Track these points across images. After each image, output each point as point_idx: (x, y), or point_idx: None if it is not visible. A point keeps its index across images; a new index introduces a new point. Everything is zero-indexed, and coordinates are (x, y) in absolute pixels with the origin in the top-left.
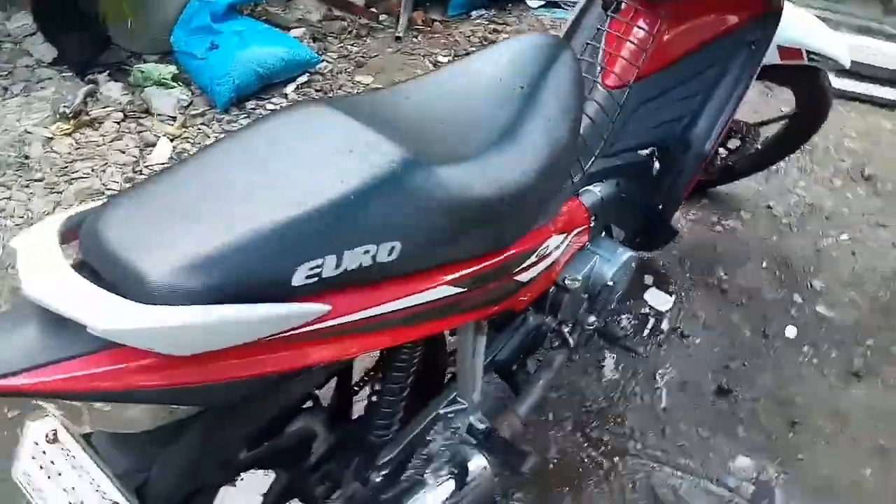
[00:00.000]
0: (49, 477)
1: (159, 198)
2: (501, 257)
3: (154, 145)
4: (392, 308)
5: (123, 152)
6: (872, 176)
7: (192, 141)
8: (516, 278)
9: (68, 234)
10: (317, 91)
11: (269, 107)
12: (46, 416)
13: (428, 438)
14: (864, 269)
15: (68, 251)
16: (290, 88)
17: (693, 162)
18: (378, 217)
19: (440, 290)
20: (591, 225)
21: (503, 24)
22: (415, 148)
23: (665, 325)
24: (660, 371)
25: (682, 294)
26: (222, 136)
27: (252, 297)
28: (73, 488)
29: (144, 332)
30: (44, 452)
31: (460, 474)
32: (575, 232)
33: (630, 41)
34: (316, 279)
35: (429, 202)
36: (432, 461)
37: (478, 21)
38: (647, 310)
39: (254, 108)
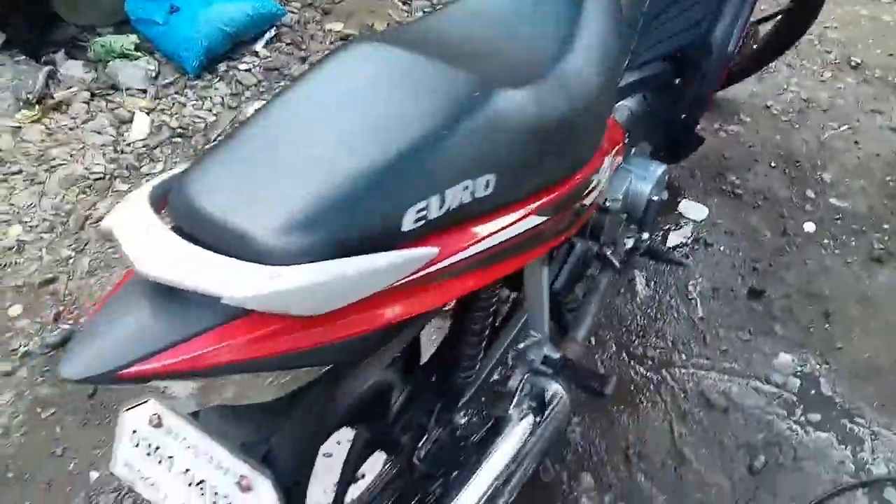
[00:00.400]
0: (159, 462)
1: (246, 155)
2: (577, 179)
3: (130, 121)
4: (490, 244)
5: (99, 133)
6: (860, 64)
7: (169, 112)
8: (584, 202)
9: (158, 204)
10: (288, 44)
11: (242, 67)
12: (144, 402)
13: (506, 374)
14: (867, 157)
15: (165, 221)
16: (259, 45)
17: (716, 66)
18: (472, 150)
19: (529, 221)
20: (626, 142)
21: None
22: (490, 75)
23: (688, 235)
24: (691, 282)
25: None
26: (276, 90)
27: (366, 247)
28: (186, 470)
29: (282, 296)
30: (147, 439)
31: (539, 406)
32: (614, 151)
33: None
34: (423, 222)
35: (515, 127)
36: (513, 396)
37: None
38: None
39: (227, 71)
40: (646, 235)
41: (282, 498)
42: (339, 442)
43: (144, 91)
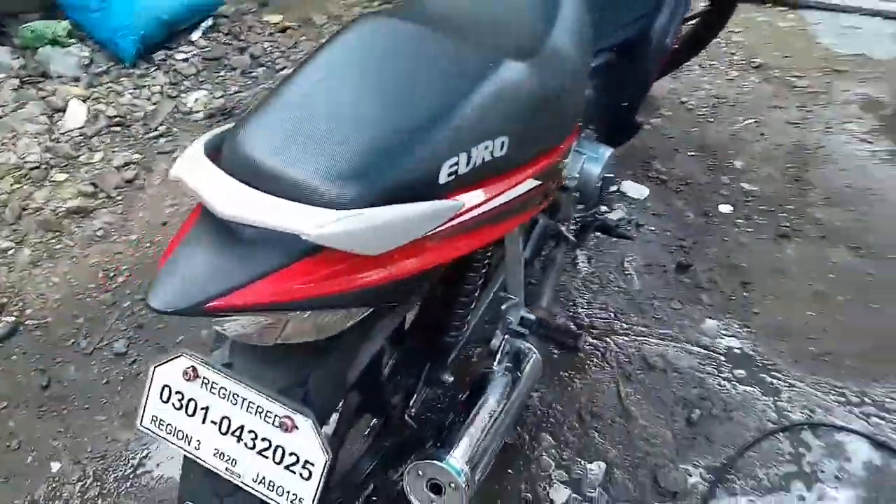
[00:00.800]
0: (192, 414)
1: (293, 113)
2: (563, 148)
3: (62, 110)
4: (500, 202)
5: (31, 121)
6: (762, 65)
7: (105, 101)
8: (562, 173)
9: (213, 157)
10: (226, 35)
11: (180, 57)
12: (177, 357)
13: (488, 335)
14: (772, 147)
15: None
16: (196, 35)
17: (656, 57)
18: (490, 113)
19: (528, 183)
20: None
21: None
22: (497, 48)
23: (622, 216)
24: (626, 259)
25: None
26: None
27: (409, 198)
28: (223, 418)
29: (351, 235)
30: (180, 393)
31: (517, 363)
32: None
33: None
34: (454, 177)
35: (520, 95)
36: (496, 354)
37: None
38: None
39: (164, 60)
40: (603, 209)
41: (322, 434)
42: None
43: (77, 79)
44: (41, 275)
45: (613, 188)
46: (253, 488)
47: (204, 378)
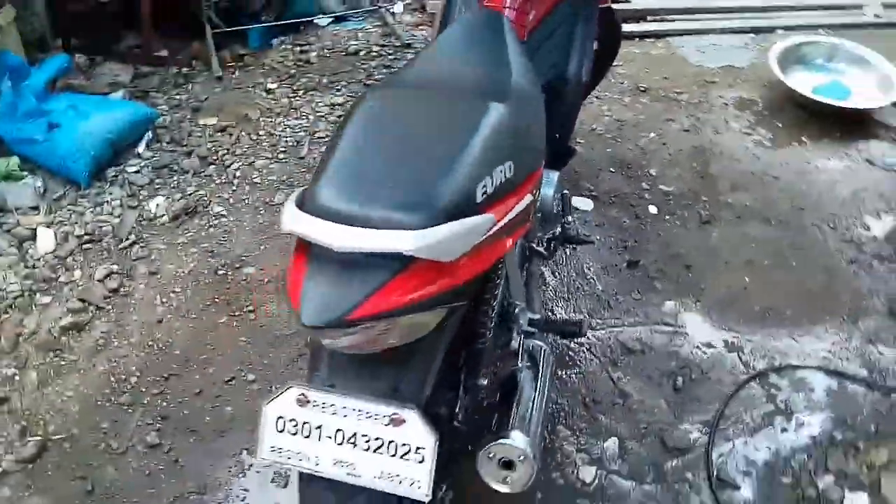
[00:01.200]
0: (307, 436)
1: (354, 166)
2: (540, 171)
3: (31, 238)
4: (513, 214)
5: (1, 255)
6: (647, 88)
7: (69, 223)
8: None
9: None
10: (168, 143)
11: (131, 169)
12: (287, 389)
13: (507, 338)
14: (675, 153)
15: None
16: (141, 147)
17: (576, 91)
18: (500, 143)
19: (526, 199)
20: None
21: (306, 44)
22: (487, 96)
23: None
24: (585, 266)
25: None
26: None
27: (460, 215)
28: (338, 430)
29: (435, 246)
30: (293, 420)
31: (535, 359)
32: None
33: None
34: (485, 195)
35: (512, 127)
36: (517, 354)
37: (282, 47)
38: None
39: (116, 176)
40: (570, 218)
41: (429, 422)
42: None
43: (37, 208)
44: (53, 392)
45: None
46: (374, 485)
47: (314, 401)
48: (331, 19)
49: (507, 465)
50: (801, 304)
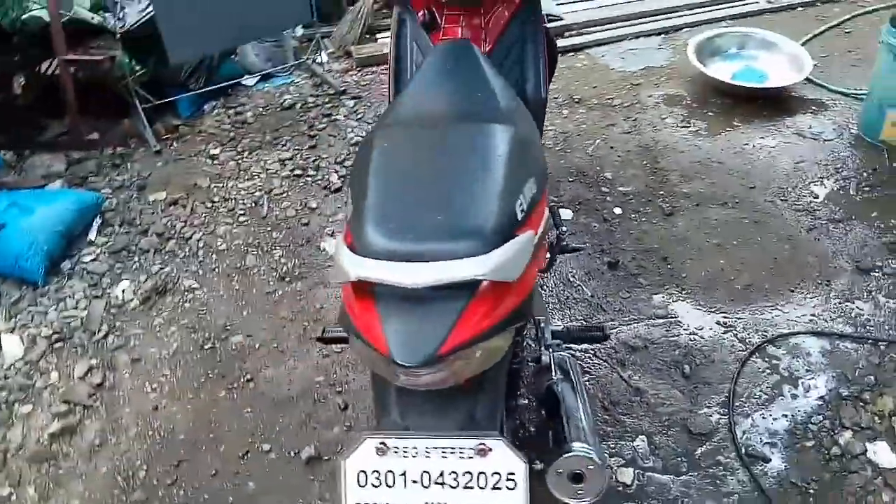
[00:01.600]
0: (391, 485)
1: (393, 208)
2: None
3: None
4: (542, 228)
5: None
6: (581, 98)
7: (33, 325)
8: None
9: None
10: (120, 225)
11: (87, 259)
12: (362, 442)
13: (537, 354)
14: (624, 155)
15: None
16: (93, 235)
17: (538, 108)
18: (524, 163)
19: (546, 213)
20: None
21: (239, 105)
22: (491, 120)
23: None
24: (569, 274)
25: None
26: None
27: (509, 235)
28: (423, 472)
29: (500, 268)
30: (375, 472)
31: (565, 369)
32: None
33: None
34: (522, 212)
35: (524, 144)
36: (550, 368)
37: (215, 113)
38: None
39: (72, 268)
40: (563, 229)
41: (515, 446)
42: None
43: None
44: (58, 502)
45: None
46: None
47: (394, 448)
48: (257, 78)
49: (577, 477)
50: (775, 276)
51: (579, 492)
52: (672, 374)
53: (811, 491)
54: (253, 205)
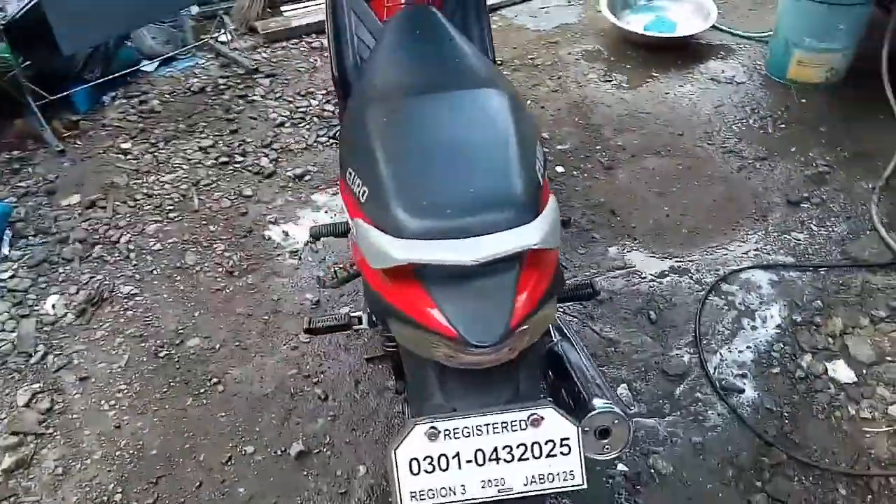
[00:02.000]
0: (445, 469)
1: (417, 173)
2: None
3: None
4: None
5: None
6: (503, 61)
7: None
8: None
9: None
10: (34, 237)
11: (3, 276)
12: (411, 430)
13: None
14: (556, 113)
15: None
16: (6, 249)
17: None
18: (527, 124)
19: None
20: None
21: (142, 93)
22: (486, 85)
23: None
24: None
25: None
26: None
27: (538, 200)
28: (477, 451)
29: (548, 235)
30: (427, 457)
31: (563, 331)
32: None
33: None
34: (540, 173)
35: (522, 107)
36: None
37: (117, 103)
38: None
39: None
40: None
41: (564, 412)
42: None
43: None
44: None
45: None
46: (527, 492)
47: (444, 430)
48: (157, 63)
49: (603, 433)
50: (716, 217)
51: (606, 447)
52: (639, 321)
53: (785, 414)
54: (181, 198)
